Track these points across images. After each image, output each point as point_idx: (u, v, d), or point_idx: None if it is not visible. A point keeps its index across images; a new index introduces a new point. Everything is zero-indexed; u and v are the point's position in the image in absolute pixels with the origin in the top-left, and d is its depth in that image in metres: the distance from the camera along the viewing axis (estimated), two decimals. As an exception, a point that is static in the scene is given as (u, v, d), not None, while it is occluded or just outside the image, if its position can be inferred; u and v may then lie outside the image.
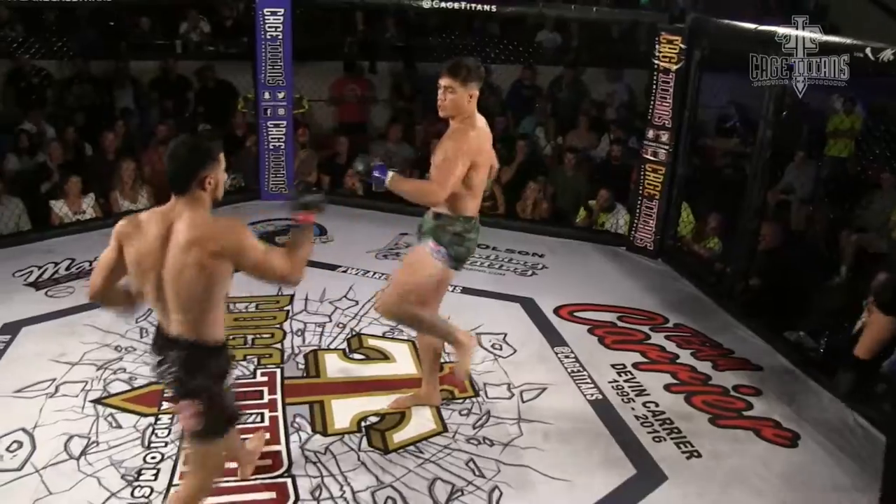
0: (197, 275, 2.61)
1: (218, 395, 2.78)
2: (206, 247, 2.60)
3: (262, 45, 6.97)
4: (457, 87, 3.47)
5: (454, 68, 3.48)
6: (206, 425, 2.78)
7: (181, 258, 2.61)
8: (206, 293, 2.66)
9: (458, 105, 3.49)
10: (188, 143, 2.80)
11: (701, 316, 5.39)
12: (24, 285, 5.48)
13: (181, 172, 2.68)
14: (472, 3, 6.56)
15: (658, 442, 3.95)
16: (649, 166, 6.25)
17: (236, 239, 2.65)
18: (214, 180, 2.69)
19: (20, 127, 7.68)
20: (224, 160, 2.77)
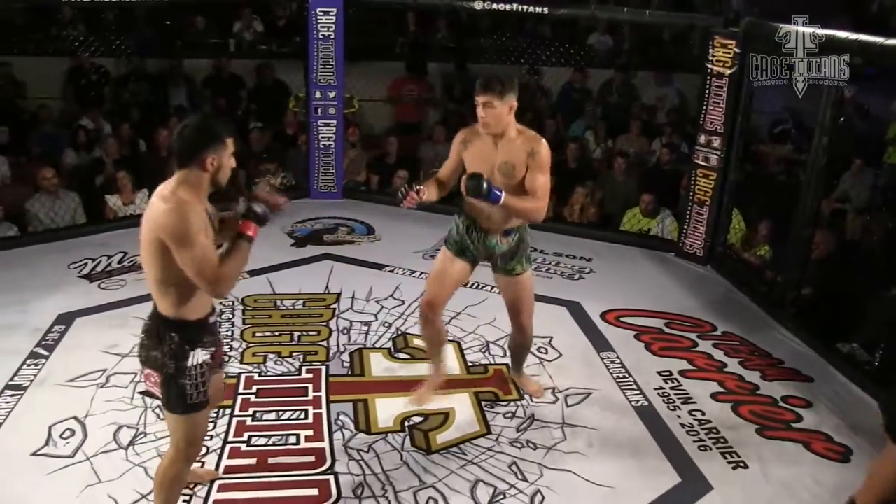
0: (152, 251, 2.68)
1: (175, 375, 2.78)
2: (154, 229, 2.64)
3: (315, 44, 7.03)
4: (495, 101, 3.52)
5: (488, 84, 3.52)
6: (164, 399, 2.85)
7: (143, 233, 2.70)
8: (164, 271, 2.69)
9: (499, 118, 3.55)
10: (198, 121, 2.81)
11: (750, 324, 5.30)
12: (78, 277, 5.61)
13: (184, 148, 2.71)
14: (523, 5, 6.55)
15: (704, 451, 3.89)
16: (700, 172, 6.17)
17: (178, 232, 2.60)
18: (218, 162, 2.71)
19: (78, 123, 7.87)
20: (232, 145, 2.77)
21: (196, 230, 2.62)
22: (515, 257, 3.82)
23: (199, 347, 2.83)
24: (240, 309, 5.15)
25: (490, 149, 3.64)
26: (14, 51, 8.49)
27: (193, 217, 2.64)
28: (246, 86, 9.04)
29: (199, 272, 2.64)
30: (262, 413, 4.00)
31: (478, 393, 4.29)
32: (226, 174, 2.77)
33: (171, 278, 2.70)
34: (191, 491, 3.42)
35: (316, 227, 6.71)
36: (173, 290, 2.73)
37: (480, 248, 3.83)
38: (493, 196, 3.48)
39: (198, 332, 2.84)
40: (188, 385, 2.80)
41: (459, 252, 3.87)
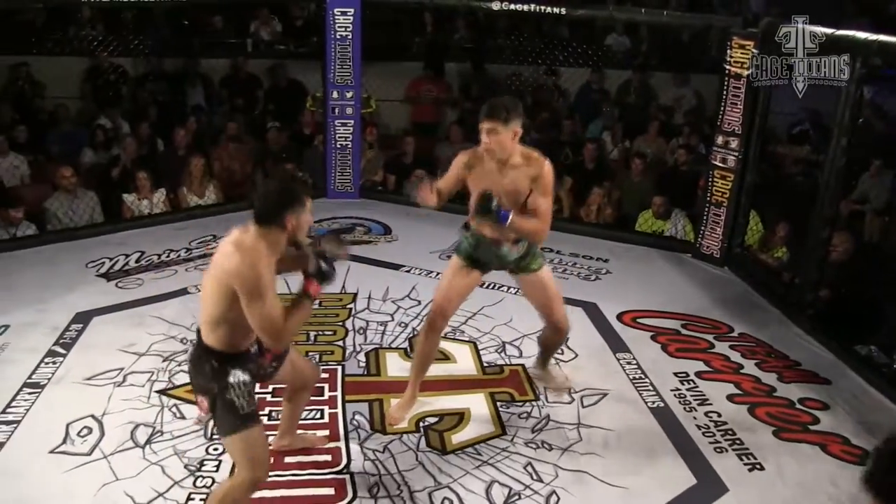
0: (218, 293, 2.81)
1: (221, 393, 2.89)
2: (227, 276, 2.77)
3: (332, 44, 7.05)
4: (499, 127, 3.54)
5: (493, 110, 3.55)
6: (217, 422, 2.98)
7: (213, 273, 2.86)
8: (222, 313, 2.83)
9: (504, 145, 3.58)
10: (280, 184, 3.01)
11: (767, 326, 5.27)
12: (95, 276, 5.65)
13: (267, 209, 2.85)
14: (541, 6, 6.54)
15: (720, 453, 3.87)
16: (718, 173, 6.14)
17: (252, 286, 2.73)
18: (297, 222, 2.86)
19: (97, 122, 7.93)
20: (310, 203, 2.92)
21: (267, 286, 2.75)
22: (528, 256, 3.87)
23: (238, 368, 2.93)
24: (256, 308, 5.16)
25: (495, 174, 3.67)
26: (33, 51, 8.57)
27: (267, 274, 2.77)
28: (263, 85, 9.08)
29: (263, 327, 2.78)
30: (279, 413, 4.01)
31: (493, 393, 4.29)
32: (304, 232, 2.93)
33: (228, 319, 2.83)
34: (207, 489, 3.43)
35: (333, 226, 6.73)
36: (224, 327, 2.86)
37: (493, 259, 3.88)
38: (501, 217, 3.53)
39: (237, 361, 2.95)
40: (236, 398, 2.90)
41: (470, 261, 3.90)
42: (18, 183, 7.06)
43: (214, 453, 3.70)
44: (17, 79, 8.42)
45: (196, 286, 5.42)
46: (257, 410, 3.00)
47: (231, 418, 2.91)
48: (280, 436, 3.68)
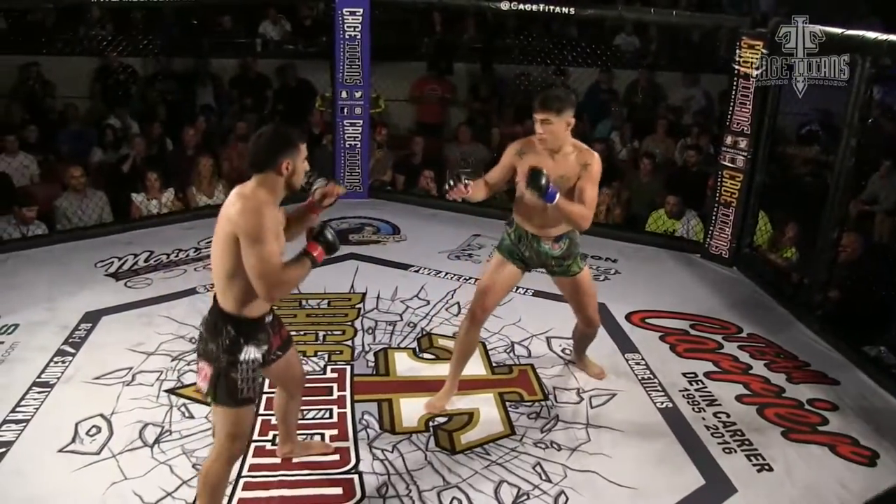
0: (224, 247, 2.81)
1: (227, 369, 2.88)
2: (230, 224, 2.77)
3: (341, 44, 7.06)
4: (553, 118, 3.63)
5: (547, 101, 3.64)
6: (214, 391, 2.93)
7: (218, 228, 2.84)
8: (231, 266, 2.80)
9: (556, 135, 3.67)
10: (273, 128, 2.98)
11: (776, 326, 5.25)
12: (104, 275, 5.67)
13: (261, 153, 2.86)
14: (550, 6, 6.53)
15: (728, 453, 3.86)
16: (727, 173, 6.13)
17: (252, 228, 2.72)
18: (292, 166, 2.86)
19: (106, 122, 7.96)
20: (306, 150, 2.93)
21: (268, 230, 2.74)
22: (570, 259, 3.98)
23: (252, 344, 2.93)
24: (265, 307, 5.18)
25: (547, 162, 3.72)
26: (43, 51, 8.61)
27: (269, 217, 2.77)
28: (272, 85, 9.09)
29: (260, 272, 2.74)
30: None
31: (502, 393, 4.29)
32: (299, 178, 2.93)
33: (237, 272, 2.80)
34: (217, 488, 3.45)
35: (342, 226, 6.74)
36: (238, 285, 2.84)
37: (534, 256, 3.97)
38: (549, 194, 3.57)
39: (254, 329, 2.95)
40: (239, 380, 2.90)
41: (511, 257, 4.00)
42: (28, 182, 7.09)
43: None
44: (27, 79, 8.47)
45: (205, 286, 5.46)
46: (255, 396, 2.99)
47: (232, 396, 2.91)
48: (281, 443, 3.66)
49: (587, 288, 4.11)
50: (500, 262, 4.02)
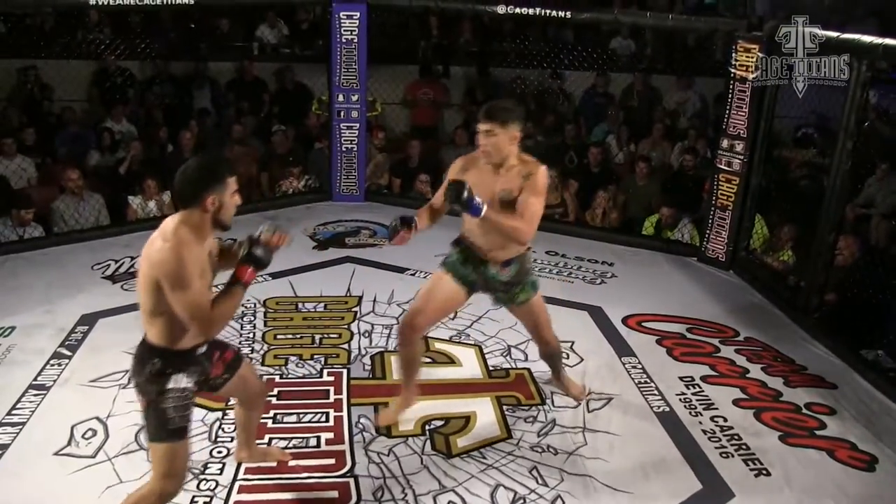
0: (145, 287, 2.71)
1: (156, 399, 2.80)
2: (149, 268, 2.68)
3: (338, 47, 7.06)
4: (497, 129, 3.46)
5: (491, 111, 3.48)
6: (147, 427, 2.87)
7: (141, 266, 2.74)
8: (155, 305, 2.71)
9: (500, 148, 3.49)
10: (199, 161, 2.84)
11: (773, 330, 5.26)
12: (101, 278, 5.66)
13: (185, 189, 2.73)
14: (546, 10, 6.54)
15: (725, 458, 3.86)
16: (723, 176, 6.13)
17: (173, 274, 2.62)
18: (219, 202, 2.73)
19: (103, 125, 7.96)
20: (234, 184, 2.79)
21: (191, 273, 2.63)
22: (517, 286, 3.77)
23: (181, 373, 2.83)
24: (261, 311, 5.18)
25: (490, 177, 3.56)
26: (42, 54, 8.60)
27: (190, 259, 2.64)
28: (269, 88, 9.10)
29: (190, 316, 2.66)
30: (283, 415, 4.03)
31: (499, 397, 4.28)
32: (229, 213, 2.79)
33: (161, 311, 2.72)
34: (211, 492, 3.44)
35: (338, 229, 6.74)
36: (161, 320, 2.75)
37: (479, 280, 3.78)
38: (474, 207, 3.38)
39: (182, 362, 2.84)
40: (169, 409, 2.80)
41: (455, 277, 3.79)
42: (26, 185, 7.08)
43: (218, 456, 3.70)
44: (25, 82, 8.46)
45: (202, 289, 5.44)
46: (188, 426, 2.89)
47: (162, 428, 2.81)
48: (238, 448, 3.60)
49: (539, 314, 3.93)
50: (441, 281, 3.81)
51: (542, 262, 6.19)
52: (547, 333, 4.02)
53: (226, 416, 3.99)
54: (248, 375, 3.27)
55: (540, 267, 6.10)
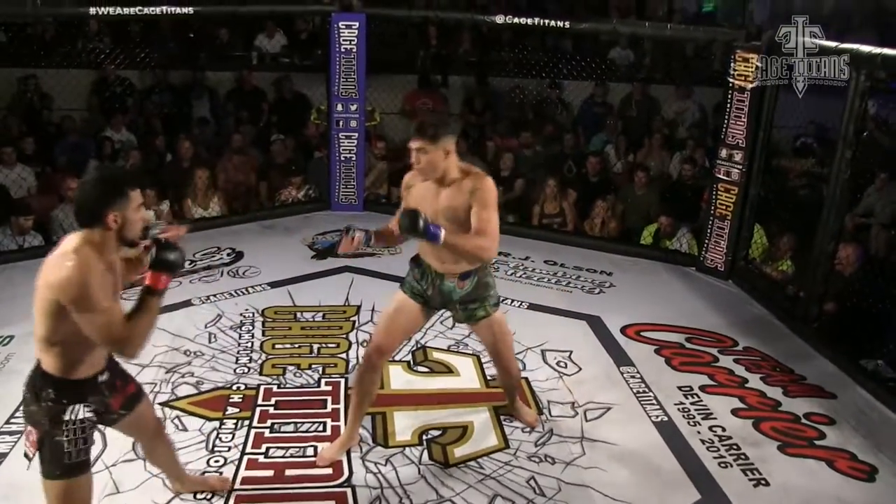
0: (42, 310, 2.53)
1: (50, 431, 2.62)
2: (48, 291, 2.49)
3: (337, 57, 7.07)
4: (427, 146, 3.35)
5: (421, 128, 3.37)
6: (40, 459, 2.67)
7: (38, 289, 2.54)
8: (50, 329, 2.55)
9: (434, 164, 3.37)
10: (96, 176, 2.67)
11: (772, 340, 5.25)
12: (100, 287, 5.64)
13: (83, 206, 2.56)
14: (545, 20, 6.56)
15: (724, 468, 3.84)
16: (721, 186, 6.13)
17: (78, 296, 2.43)
18: (122, 219, 2.55)
19: (103, 134, 7.97)
20: (139, 197, 2.60)
21: (97, 293, 2.45)
22: (476, 302, 3.61)
23: (79, 404, 2.65)
24: (260, 321, 5.18)
25: (432, 193, 3.45)
26: (42, 63, 8.63)
27: (95, 279, 2.46)
28: (268, 98, 9.11)
29: (104, 338, 2.52)
30: (281, 425, 4.01)
31: (497, 407, 4.26)
32: (134, 229, 2.61)
33: (58, 337, 2.56)
34: (208, 501, 3.42)
35: (336, 239, 6.73)
36: (57, 349, 2.59)
37: (436, 295, 3.61)
38: (430, 234, 3.24)
39: (79, 392, 2.67)
40: (65, 442, 2.62)
41: (413, 295, 3.66)
42: (25, 194, 7.08)
43: (215, 465, 3.69)
44: (25, 91, 8.48)
45: (200, 298, 5.44)
46: (88, 460, 2.71)
47: (58, 462, 2.62)
48: (172, 482, 3.46)
49: (500, 334, 3.75)
50: (400, 302, 3.68)
51: (540, 272, 6.20)
52: (508, 358, 3.87)
53: (222, 427, 3.99)
54: (146, 412, 3.08)
55: (539, 276, 6.11)
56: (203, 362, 4.63)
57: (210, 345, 4.84)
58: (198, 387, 4.37)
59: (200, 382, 4.41)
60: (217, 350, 4.79)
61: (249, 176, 7.76)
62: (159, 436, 3.24)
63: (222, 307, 5.37)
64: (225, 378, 4.47)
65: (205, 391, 4.33)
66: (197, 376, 4.47)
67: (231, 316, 5.25)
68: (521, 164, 7.98)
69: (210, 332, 5.00)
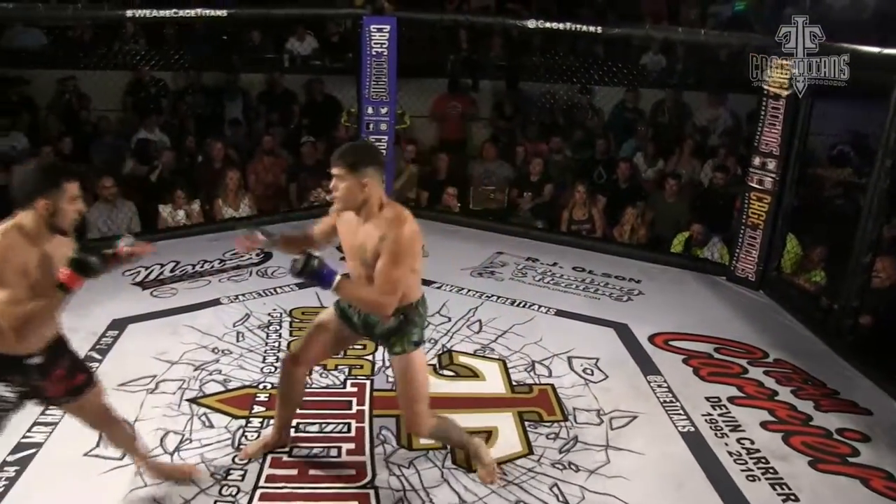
0: None
1: None
2: None
3: (367, 60, 7.09)
4: (345, 174, 3.10)
5: (341, 153, 3.14)
6: None
7: None
8: None
9: (350, 195, 3.12)
10: (35, 165, 2.89)
11: (803, 352, 5.16)
12: (131, 284, 5.72)
13: (18, 190, 2.75)
14: (577, 24, 6.52)
15: (752, 481, 3.78)
16: (754, 194, 6.06)
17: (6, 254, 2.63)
18: (53, 207, 2.72)
19: (137, 136, 8.07)
20: (76, 192, 2.76)
21: (8, 272, 2.62)
22: (395, 335, 3.34)
23: None
24: (287, 321, 5.20)
25: (353, 227, 3.24)
26: (80, 65, 8.76)
27: (11, 261, 2.64)
28: (299, 100, 9.17)
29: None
30: (306, 424, 4.02)
31: (521, 412, 4.24)
32: (65, 219, 2.77)
33: None
34: (233, 498, 3.44)
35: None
36: None
37: (360, 323, 3.44)
38: (324, 279, 3.08)
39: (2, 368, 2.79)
40: None
41: (342, 315, 3.50)
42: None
43: (240, 463, 3.70)
44: (64, 92, 8.61)
45: (228, 297, 5.48)
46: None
47: None
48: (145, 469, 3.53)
49: (410, 376, 3.37)
50: (328, 317, 3.54)
51: (568, 278, 6.16)
52: (408, 407, 3.44)
53: (248, 424, 4.01)
54: (94, 401, 3.16)
55: (566, 283, 6.08)
56: (230, 360, 4.66)
57: (238, 343, 4.87)
58: (225, 385, 4.39)
59: (228, 380, 4.44)
60: (245, 349, 4.81)
61: (279, 177, 7.82)
62: (108, 422, 3.29)
63: (250, 306, 5.40)
64: (252, 377, 4.49)
65: (231, 389, 4.35)
66: (224, 374, 4.50)
67: (259, 315, 5.27)
68: (551, 169, 7.96)
69: (238, 331, 5.02)
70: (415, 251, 3.17)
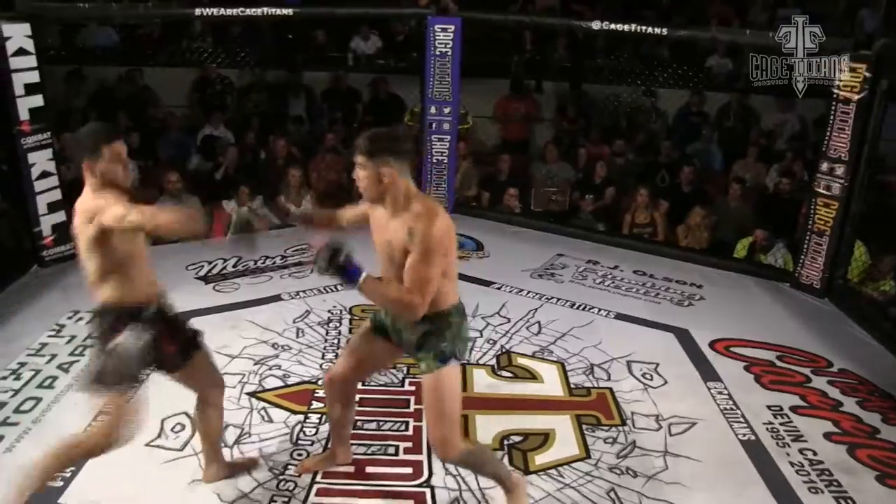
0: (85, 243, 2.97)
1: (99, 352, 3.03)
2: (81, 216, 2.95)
3: (432, 60, 7.12)
4: (365, 162, 2.92)
5: (363, 140, 2.95)
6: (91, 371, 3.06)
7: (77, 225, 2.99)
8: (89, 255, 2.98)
9: (370, 184, 2.94)
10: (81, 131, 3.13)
11: (870, 363, 5.02)
12: (194, 278, 5.84)
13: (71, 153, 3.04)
14: (642, 26, 6.45)
15: (815, 493, 3.70)
16: (821, 200, 5.92)
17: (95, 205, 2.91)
18: (99, 169, 2.98)
19: (203, 132, 8.24)
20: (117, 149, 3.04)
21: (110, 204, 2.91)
22: (422, 350, 3.07)
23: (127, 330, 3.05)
24: (347, 318, 5.26)
25: (384, 223, 3.03)
26: (150, 62, 8.99)
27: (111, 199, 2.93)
28: (362, 99, 9.25)
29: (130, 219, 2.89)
30: (364, 422, 4.06)
31: (579, 416, 4.23)
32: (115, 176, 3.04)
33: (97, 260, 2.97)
34: (290, 493, 3.49)
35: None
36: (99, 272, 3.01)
37: (393, 332, 3.25)
38: (349, 275, 2.87)
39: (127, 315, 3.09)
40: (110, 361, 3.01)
41: (377, 328, 3.32)
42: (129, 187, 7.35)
43: (298, 458, 3.76)
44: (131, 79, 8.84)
45: (289, 293, 5.56)
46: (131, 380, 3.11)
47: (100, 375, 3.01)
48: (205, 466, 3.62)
49: (439, 396, 3.05)
50: (366, 331, 3.38)
51: (629, 282, 6.11)
52: (435, 430, 3.11)
53: (307, 420, 4.07)
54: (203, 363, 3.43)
55: (627, 286, 6.02)
56: (290, 356, 4.73)
57: (297, 339, 4.94)
58: (284, 380, 4.47)
59: (287, 376, 4.51)
60: (304, 345, 4.88)
61: (341, 175, 7.90)
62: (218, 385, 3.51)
63: (311, 303, 5.47)
64: (311, 373, 4.55)
65: (291, 384, 4.42)
66: (284, 369, 4.57)
67: (319, 312, 5.34)
68: (613, 172, 7.90)
69: (298, 328, 5.10)
70: (446, 247, 2.92)
